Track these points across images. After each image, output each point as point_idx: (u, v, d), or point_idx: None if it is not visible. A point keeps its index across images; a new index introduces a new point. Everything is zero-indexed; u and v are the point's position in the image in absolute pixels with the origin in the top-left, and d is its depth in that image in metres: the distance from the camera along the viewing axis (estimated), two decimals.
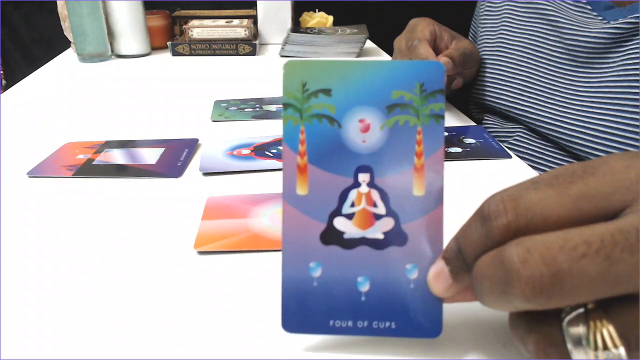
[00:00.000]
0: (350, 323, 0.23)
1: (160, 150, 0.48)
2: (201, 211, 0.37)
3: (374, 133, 0.23)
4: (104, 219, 0.37)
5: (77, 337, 0.26)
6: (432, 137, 0.23)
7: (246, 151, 0.48)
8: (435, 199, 0.23)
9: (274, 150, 0.48)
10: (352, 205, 0.23)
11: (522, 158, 0.57)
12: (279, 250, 0.32)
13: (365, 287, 0.23)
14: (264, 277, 0.30)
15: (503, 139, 0.60)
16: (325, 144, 0.23)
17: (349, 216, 0.23)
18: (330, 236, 0.23)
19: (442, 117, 0.23)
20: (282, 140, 0.23)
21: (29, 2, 1.30)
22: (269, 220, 0.36)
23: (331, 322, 0.23)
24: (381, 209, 0.23)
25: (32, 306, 0.28)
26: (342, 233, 0.23)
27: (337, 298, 0.23)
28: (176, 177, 0.43)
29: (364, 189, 0.23)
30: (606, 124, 0.49)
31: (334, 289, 0.23)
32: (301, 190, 0.23)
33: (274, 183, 0.42)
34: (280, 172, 0.23)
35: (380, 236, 0.23)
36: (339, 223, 0.23)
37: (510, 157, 0.46)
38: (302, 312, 0.23)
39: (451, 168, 0.44)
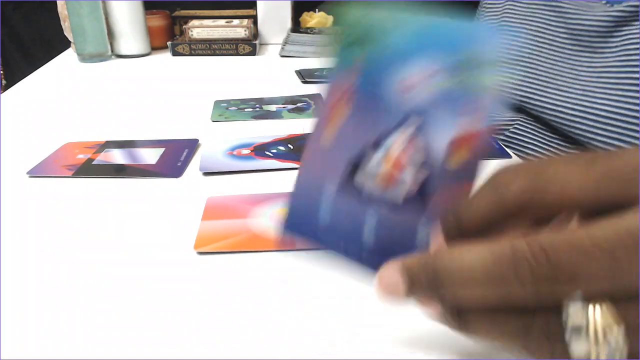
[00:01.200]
0: (342, 243, 0.22)
1: (160, 151, 0.48)
2: (201, 211, 0.37)
3: (421, 92, 0.21)
4: (104, 219, 0.37)
5: (77, 337, 0.26)
6: (481, 110, 0.20)
7: (246, 151, 0.48)
8: (467, 175, 0.21)
9: (274, 150, 0.48)
10: (379, 163, 0.22)
11: (520, 148, 0.57)
12: (279, 251, 0.32)
13: (370, 239, 0.22)
14: (264, 277, 0.30)
15: (501, 129, 0.60)
16: (366, 95, 0.22)
17: (372, 174, 0.22)
18: (349, 189, 0.22)
19: (497, 90, 0.20)
20: (329, 75, 0.22)
21: (29, 2, 1.30)
22: (269, 220, 0.36)
23: (329, 238, 0.22)
24: (407, 174, 0.21)
25: (32, 306, 0.28)
26: (361, 188, 0.22)
27: (341, 236, 0.22)
28: (176, 177, 0.43)
29: (395, 149, 0.22)
30: (608, 109, 0.48)
31: (340, 230, 0.22)
32: (328, 134, 0.22)
33: (274, 183, 0.42)
34: (281, 172, 0.23)
35: (399, 200, 0.22)
36: (361, 177, 0.22)
37: (510, 157, 0.46)
38: (305, 222, 0.23)
39: None
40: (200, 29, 0.91)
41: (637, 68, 0.46)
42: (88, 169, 0.45)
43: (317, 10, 1.05)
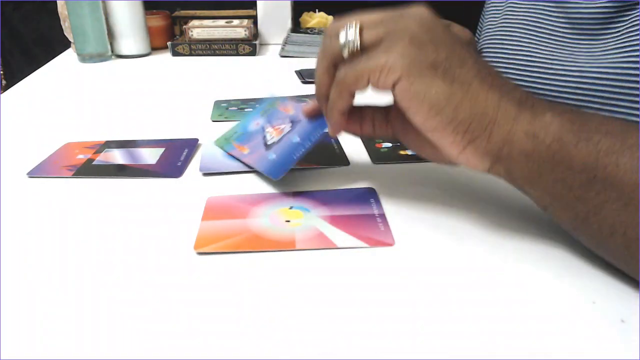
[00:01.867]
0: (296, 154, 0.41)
1: (160, 150, 0.48)
2: (201, 211, 0.37)
3: (262, 119, 0.48)
4: (104, 219, 0.37)
5: (77, 337, 0.26)
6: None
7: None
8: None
9: None
10: (270, 134, 0.45)
11: None
12: (280, 251, 0.33)
13: (297, 139, 0.41)
14: (264, 278, 0.30)
15: None
16: (246, 136, 0.47)
17: (272, 138, 0.44)
18: (269, 146, 0.43)
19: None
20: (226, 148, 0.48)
21: (29, 2, 1.30)
22: (269, 220, 0.36)
23: (295, 156, 0.40)
24: (285, 129, 0.44)
25: (32, 306, 0.28)
26: (272, 142, 0.43)
27: (286, 152, 0.41)
28: (176, 177, 0.43)
29: (270, 129, 0.45)
30: (604, 89, 0.49)
31: (284, 152, 0.41)
32: (244, 150, 0.45)
33: (274, 183, 0.42)
34: None
35: (287, 127, 0.44)
36: (268, 139, 0.44)
37: None
38: (274, 167, 0.41)
39: (450, 168, 0.44)
40: (200, 29, 0.92)
41: (636, 48, 0.46)
42: (88, 169, 0.45)
43: (317, 10, 1.05)
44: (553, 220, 0.32)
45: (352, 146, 0.49)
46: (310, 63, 0.84)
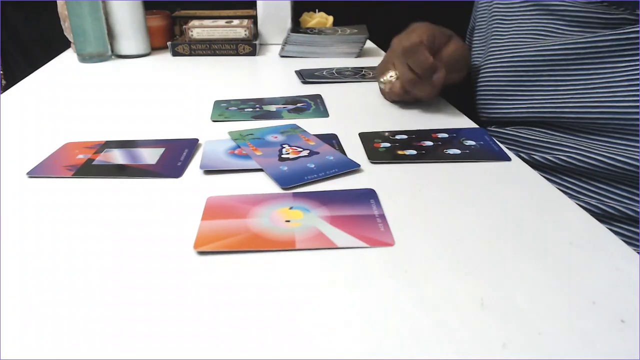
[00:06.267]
0: (306, 177, 0.42)
1: (160, 151, 0.48)
2: (201, 211, 0.37)
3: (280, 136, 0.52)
4: (104, 219, 0.37)
5: (77, 337, 0.26)
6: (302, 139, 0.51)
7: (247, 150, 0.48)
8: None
9: None
10: (287, 151, 0.48)
11: (527, 150, 0.57)
12: (279, 250, 0.33)
13: (313, 166, 0.44)
14: (264, 277, 0.30)
15: (553, 151, 0.57)
16: (261, 142, 0.50)
17: (287, 154, 0.47)
18: (283, 159, 0.46)
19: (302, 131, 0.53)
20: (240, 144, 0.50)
21: (29, 2, 1.30)
22: (269, 220, 0.36)
23: (290, 174, 0.43)
24: (302, 153, 0.47)
25: (32, 306, 0.28)
26: (287, 157, 0.46)
27: (299, 171, 0.43)
28: (176, 177, 0.43)
29: (287, 147, 0.49)
30: (604, 121, 0.50)
31: (297, 170, 0.43)
32: (259, 158, 0.46)
33: (274, 183, 0.42)
34: None
35: (305, 153, 0.47)
36: (284, 154, 0.47)
37: (509, 159, 0.46)
38: (285, 178, 0.42)
39: (451, 169, 0.44)
40: (200, 29, 0.92)
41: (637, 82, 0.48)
42: (88, 169, 0.45)
43: (317, 10, 1.05)
44: None
45: (351, 146, 0.49)
46: (310, 63, 0.84)
